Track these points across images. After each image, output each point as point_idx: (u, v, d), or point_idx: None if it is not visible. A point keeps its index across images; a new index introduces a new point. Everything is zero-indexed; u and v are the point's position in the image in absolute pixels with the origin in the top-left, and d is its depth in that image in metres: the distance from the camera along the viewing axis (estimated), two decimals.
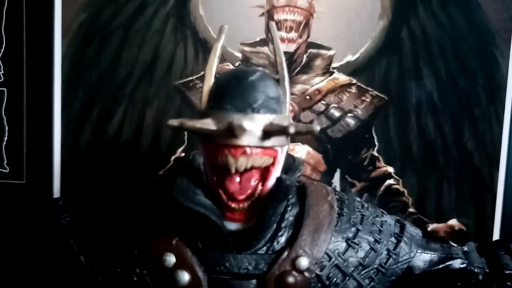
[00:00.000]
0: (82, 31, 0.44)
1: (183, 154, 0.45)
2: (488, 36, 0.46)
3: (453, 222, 0.47)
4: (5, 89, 0.45)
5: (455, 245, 0.42)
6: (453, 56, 0.46)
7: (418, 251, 0.38)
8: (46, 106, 0.45)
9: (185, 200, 0.30)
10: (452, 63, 0.46)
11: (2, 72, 0.45)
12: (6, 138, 0.46)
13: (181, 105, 0.45)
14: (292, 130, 0.29)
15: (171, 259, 0.32)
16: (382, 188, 0.46)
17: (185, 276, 0.31)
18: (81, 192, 0.38)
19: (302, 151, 0.45)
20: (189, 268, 0.32)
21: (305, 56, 0.45)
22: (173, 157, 0.45)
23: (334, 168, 0.46)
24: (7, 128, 0.46)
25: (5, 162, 0.46)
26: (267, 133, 0.30)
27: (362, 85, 0.46)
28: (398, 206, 0.46)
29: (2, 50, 0.45)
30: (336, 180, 0.46)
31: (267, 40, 0.44)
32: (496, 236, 0.48)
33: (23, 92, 0.45)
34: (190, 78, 0.45)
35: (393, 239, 0.37)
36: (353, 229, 0.36)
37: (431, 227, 0.47)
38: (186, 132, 0.44)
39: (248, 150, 0.30)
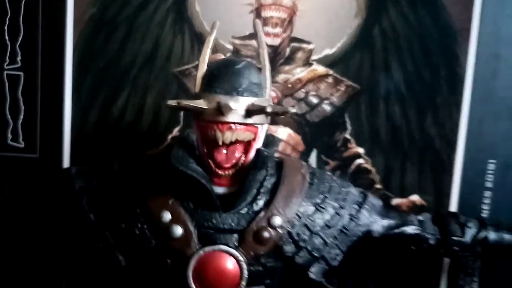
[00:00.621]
0: (92, 23, 0.51)
1: (178, 133, 0.52)
2: (450, 34, 0.53)
3: (414, 197, 0.54)
4: (21, 73, 0.52)
5: (413, 215, 0.50)
6: (419, 52, 0.53)
7: (377, 217, 0.45)
8: (58, 89, 0.52)
9: (180, 165, 0.37)
10: (418, 58, 0.53)
11: (20, 58, 0.52)
12: (21, 117, 0.52)
13: (177, 90, 0.52)
14: (269, 109, 0.36)
15: (167, 215, 0.39)
16: (353, 166, 0.53)
17: (178, 230, 0.39)
18: (90, 163, 0.46)
19: (283, 132, 0.52)
20: (182, 223, 0.39)
21: (288, 49, 0.52)
22: (170, 136, 0.52)
23: (311, 148, 0.53)
24: (23, 108, 0.52)
25: (20, 138, 0.53)
26: (249, 112, 0.37)
27: (338, 76, 0.52)
28: (366, 183, 0.53)
29: (20, 38, 0.52)
30: (313, 158, 0.53)
31: (255, 34, 0.51)
32: (452, 210, 0.55)
33: (38, 76, 0.52)
34: (186, 67, 0.52)
35: (355, 206, 0.44)
36: (321, 196, 0.43)
37: (395, 201, 0.54)
38: (181, 113, 0.51)
39: (233, 126, 0.37)
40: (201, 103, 0.37)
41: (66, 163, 0.52)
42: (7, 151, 0.52)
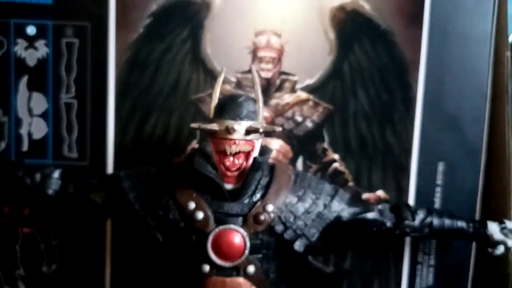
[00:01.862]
0: (128, 63, 0.68)
1: (196, 145, 0.69)
2: (403, 66, 0.69)
3: (380, 192, 0.71)
4: (75, 101, 0.70)
5: (375, 205, 0.66)
6: (379, 80, 0.69)
7: (345, 206, 0.62)
8: (103, 112, 0.69)
9: (201, 169, 0.54)
10: (378, 85, 0.69)
11: (74, 89, 0.70)
12: (75, 134, 0.70)
13: (194, 112, 0.68)
14: (261, 130, 0.54)
15: (192, 204, 0.56)
16: (330, 169, 0.70)
17: (200, 214, 0.56)
18: (132, 169, 0.63)
19: (276, 143, 0.69)
20: (203, 210, 0.56)
21: (278, 80, 0.69)
22: (189, 147, 0.70)
23: (298, 155, 0.70)
24: (76, 127, 0.70)
25: (74, 150, 0.70)
26: (248, 131, 0.55)
27: (316, 100, 0.69)
28: (341, 181, 0.69)
29: (74, 75, 0.70)
30: (299, 163, 0.70)
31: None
32: (410, 203, 0.72)
33: (87, 103, 0.69)
34: (201, 95, 0.69)
35: (328, 197, 0.61)
36: (303, 190, 0.60)
37: (364, 195, 0.70)
38: (199, 131, 0.69)
39: (237, 141, 0.55)
40: (214, 126, 0.54)
41: (110, 169, 0.69)
42: (64, 160, 0.70)
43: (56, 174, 0.62)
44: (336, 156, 0.70)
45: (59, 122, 0.69)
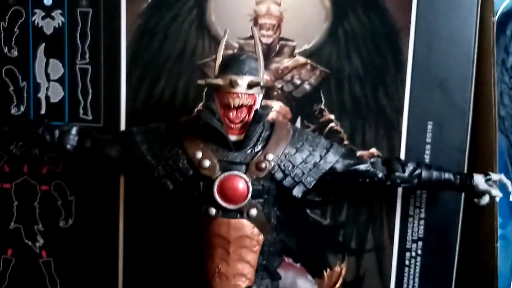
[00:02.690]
0: (139, 30, 0.74)
1: (201, 107, 0.75)
2: (394, 31, 0.74)
3: (373, 150, 0.77)
4: (89, 66, 0.76)
5: (368, 159, 0.72)
6: (372, 45, 0.74)
7: (340, 158, 0.68)
8: (116, 77, 0.74)
9: (208, 120, 0.60)
10: (371, 49, 0.75)
11: (88, 55, 0.76)
12: (90, 97, 0.76)
13: (200, 77, 0.74)
14: (262, 83, 0.60)
15: (199, 154, 0.62)
16: (327, 128, 0.76)
17: (207, 162, 0.62)
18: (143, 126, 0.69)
19: (276, 105, 0.75)
20: (209, 158, 0.62)
21: (277, 46, 0.75)
22: (196, 109, 0.75)
23: (296, 116, 0.76)
24: (90, 91, 0.76)
25: (89, 112, 0.76)
26: (250, 85, 0.61)
27: (314, 64, 0.75)
28: (337, 140, 0.74)
29: (88, 41, 0.76)
30: (298, 123, 0.75)
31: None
32: None
33: (101, 68, 0.75)
34: (206, 60, 0.74)
35: (324, 150, 0.67)
36: (301, 143, 0.66)
37: (358, 153, 0.75)
38: (204, 93, 0.75)
39: (240, 95, 0.61)
40: (219, 81, 0.60)
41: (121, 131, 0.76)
42: (79, 122, 0.75)
43: (74, 130, 0.68)
44: (332, 116, 0.76)
45: (74, 86, 0.75)
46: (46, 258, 0.79)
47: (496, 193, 0.70)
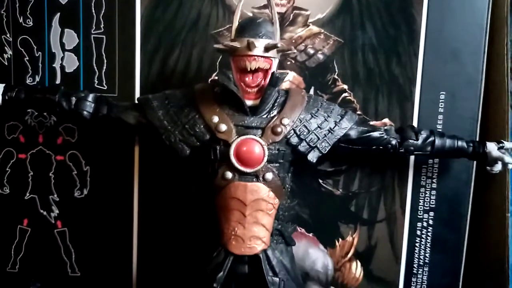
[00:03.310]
0: (153, 0, 0.75)
1: (215, 77, 0.76)
2: (408, 0, 0.76)
3: (386, 120, 0.77)
4: (104, 36, 0.76)
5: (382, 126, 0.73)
6: (386, 14, 0.75)
7: (354, 125, 0.69)
8: (130, 47, 0.75)
9: (224, 82, 0.61)
10: (385, 19, 0.76)
11: (102, 25, 0.76)
12: (105, 67, 0.77)
13: None
14: (279, 45, 0.60)
15: (216, 118, 0.63)
16: (340, 98, 0.77)
17: (223, 126, 0.63)
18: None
19: (290, 74, 0.76)
20: (226, 122, 0.63)
21: (291, 15, 0.75)
22: (209, 79, 0.76)
23: (310, 86, 0.77)
24: (105, 61, 0.77)
25: (104, 82, 0.77)
26: (267, 48, 0.61)
27: (327, 33, 0.76)
28: (350, 110, 0.76)
29: (103, 11, 0.76)
30: (311, 93, 0.77)
31: (267, 5, 0.74)
32: None
33: (116, 38, 0.76)
34: (220, 29, 0.75)
35: (339, 116, 0.68)
36: (315, 109, 0.67)
37: (371, 123, 0.76)
38: (217, 62, 0.75)
39: (256, 58, 0.61)
40: (236, 44, 0.61)
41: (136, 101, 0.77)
42: (95, 92, 0.77)
43: (90, 97, 0.69)
44: (345, 86, 0.77)
45: (89, 56, 0.76)
46: (61, 228, 0.80)
47: (509, 160, 0.70)
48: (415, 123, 0.77)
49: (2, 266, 0.80)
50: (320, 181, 0.78)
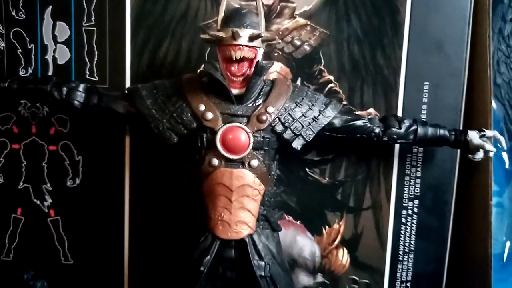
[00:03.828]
0: None
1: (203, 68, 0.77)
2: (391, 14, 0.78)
3: (371, 110, 0.79)
4: (95, 28, 0.78)
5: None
6: (370, 6, 0.77)
7: (338, 114, 0.71)
8: (121, 39, 0.77)
9: (211, 71, 0.63)
10: (369, 11, 0.77)
11: (93, 17, 0.78)
12: (96, 59, 0.78)
13: None
14: (263, 35, 0.62)
15: (202, 107, 0.65)
16: (326, 89, 0.79)
17: (210, 114, 0.65)
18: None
19: (277, 65, 0.78)
20: (212, 111, 0.65)
21: (278, 7, 0.77)
22: (198, 70, 0.78)
23: (297, 76, 0.78)
24: (96, 53, 0.79)
25: (95, 74, 0.79)
26: (251, 38, 0.63)
27: (313, 25, 0.78)
28: (336, 100, 0.78)
29: (93, 4, 0.77)
30: (298, 84, 0.79)
31: None
32: None
33: (106, 30, 0.78)
34: (208, 21, 0.77)
35: (323, 105, 0.70)
36: (300, 98, 0.69)
37: (357, 113, 0.79)
38: (206, 54, 0.77)
39: (241, 47, 0.63)
40: (221, 34, 0.63)
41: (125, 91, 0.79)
42: (86, 83, 0.79)
43: (81, 87, 0.71)
44: (331, 77, 0.79)
45: (81, 48, 0.78)
46: (54, 217, 0.82)
47: (490, 147, 0.72)
48: (399, 113, 0.79)
49: None
50: (307, 170, 0.80)
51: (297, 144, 0.67)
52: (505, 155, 1.02)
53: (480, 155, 0.73)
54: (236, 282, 0.66)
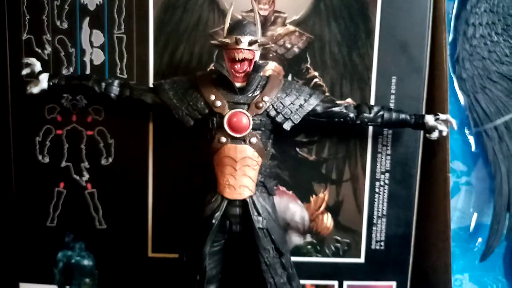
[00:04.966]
0: (164, 5, 0.93)
1: (213, 67, 0.96)
2: (365, 4, 0.94)
3: (349, 100, 0.98)
4: (124, 35, 0.97)
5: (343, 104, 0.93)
6: (347, 15, 0.94)
7: (320, 102, 0.89)
8: (145, 44, 0.94)
9: (219, 69, 0.82)
10: (346, 19, 0.95)
11: (123, 26, 0.96)
12: (125, 60, 0.94)
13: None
14: (259, 40, 0.82)
15: (213, 96, 0.84)
16: (312, 83, 0.97)
17: (219, 102, 0.84)
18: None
19: (272, 64, 0.97)
20: (220, 100, 0.84)
21: (272, 17, 0.95)
22: (208, 69, 0.97)
23: (288, 73, 0.95)
24: (125, 55, 0.96)
25: (125, 72, 0.96)
26: (250, 43, 0.82)
27: (301, 31, 0.96)
28: (320, 92, 0.97)
29: (123, 16, 0.97)
30: (288, 79, 0.98)
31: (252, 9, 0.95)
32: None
33: (134, 37, 0.96)
34: (216, 29, 0.94)
35: (308, 95, 0.88)
36: (289, 89, 0.87)
37: (338, 102, 0.97)
38: (214, 56, 0.96)
39: (243, 50, 0.82)
40: (227, 40, 0.82)
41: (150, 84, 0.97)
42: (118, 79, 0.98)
43: (116, 83, 0.90)
44: (316, 73, 0.97)
45: (113, 51, 0.95)
46: (90, 189, 0.99)
47: (442, 128, 0.91)
48: (372, 102, 0.98)
49: (43, 222, 0.97)
50: (297, 149, 0.99)
51: (287, 125, 0.86)
52: (471, 140, 1.20)
53: (435, 134, 0.92)
54: (240, 234, 0.85)
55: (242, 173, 0.83)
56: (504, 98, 1.17)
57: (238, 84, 0.84)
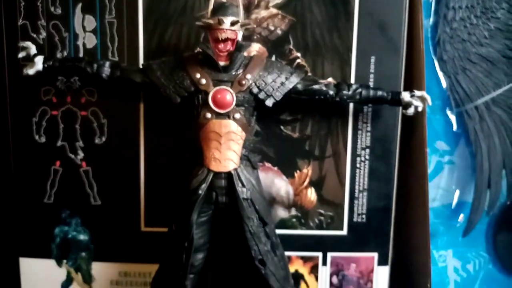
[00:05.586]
0: None
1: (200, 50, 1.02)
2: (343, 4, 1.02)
3: (330, 79, 1.03)
4: (115, 20, 1.03)
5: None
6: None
7: (301, 80, 0.95)
8: (135, 27, 1.01)
9: (205, 49, 0.88)
10: (327, 2, 1.00)
11: (114, 12, 1.02)
12: (116, 44, 1.02)
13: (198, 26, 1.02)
14: (240, 21, 0.87)
15: (198, 75, 0.90)
16: (295, 63, 1.02)
17: (204, 80, 0.89)
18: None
19: (256, 46, 1.02)
20: (205, 78, 0.89)
21: (256, 0, 1.01)
22: (196, 50, 1.03)
23: (272, 54, 1.01)
24: (116, 39, 1.02)
25: (116, 55, 1.03)
26: (232, 23, 0.88)
27: (284, 14, 1.02)
28: (298, 70, 1.02)
29: (114, 1, 1.03)
30: (271, 59, 1.03)
31: None
32: None
33: (124, 21, 1.02)
34: (202, 13, 1.00)
35: (289, 74, 0.93)
36: (271, 68, 0.93)
37: (320, 81, 1.03)
38: (201, 37, 1.02)
39: (225, 30, 0.88)
40: (211, 21, 0.88)
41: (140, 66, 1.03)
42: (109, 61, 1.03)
43: (107, 64, 0.95)
44: (298, 54, 1.03)
45: (104, 35, 1.01)
46: (85, 167, 1.04)
47: (417, 103, 0.96)
48: (352, 81, 1.04)
49: (40, 198, 1.02)
50: (282, 127, 1.04)
51: (269, 102, 0.92)
52: (453, 119, 1.26)
53: (411, 110, 0.98)
54: (226, 204, 0.91)
55: (227, 147, 0.89)
56: (484, 79, 1.22)
57: (222, 63, 0.90)
